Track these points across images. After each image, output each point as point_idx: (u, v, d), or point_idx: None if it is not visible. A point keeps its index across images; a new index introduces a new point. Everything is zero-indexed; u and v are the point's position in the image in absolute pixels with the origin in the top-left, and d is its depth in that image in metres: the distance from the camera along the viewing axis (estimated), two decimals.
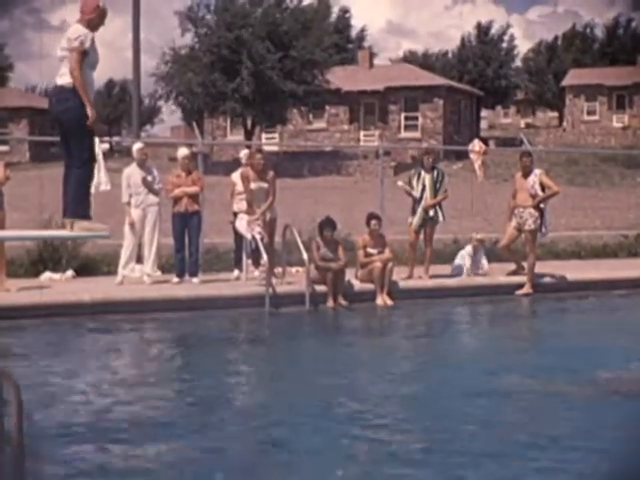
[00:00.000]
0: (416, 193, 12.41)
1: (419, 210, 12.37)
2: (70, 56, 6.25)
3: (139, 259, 11.91)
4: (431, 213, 12.40)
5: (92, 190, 10.48)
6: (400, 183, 12.78)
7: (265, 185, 11.53)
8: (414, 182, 12.49)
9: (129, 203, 11.77)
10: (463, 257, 12.97)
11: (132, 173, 11.81)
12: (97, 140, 9.30)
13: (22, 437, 4.03)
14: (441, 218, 12.53)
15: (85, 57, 6.26)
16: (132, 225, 11.69)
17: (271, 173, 11.66)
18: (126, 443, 5.74)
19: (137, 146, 12.05)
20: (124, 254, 11.71)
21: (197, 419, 6.39)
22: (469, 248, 13.04)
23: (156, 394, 7.13)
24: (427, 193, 12.34)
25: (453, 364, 8.47)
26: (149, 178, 11.77)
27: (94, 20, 6.42)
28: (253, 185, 11.49)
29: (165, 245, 12.43)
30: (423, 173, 12.47)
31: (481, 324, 11.41)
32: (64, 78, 6.30)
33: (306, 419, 6.32)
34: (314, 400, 6.89)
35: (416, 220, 12.42)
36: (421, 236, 12.57)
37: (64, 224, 6.56)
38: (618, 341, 9.35)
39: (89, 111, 6.16)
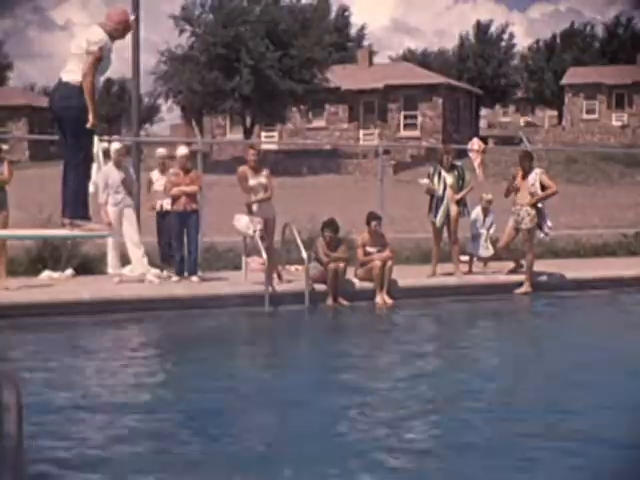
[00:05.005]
0: (439, 192, 12.45)
1: (442, 208, 12.39)
2: (86, 58, 6.18)
3: (129, 260, 11.92)
4: (461, 208, 12.46)
5: (91, 189, 10.42)
6: (424, 181, 12.70)
7: (263, 180, 11.56)
8: (435, 180, 12.50)
9: (106, 202, 11.75)
10: (477, 213, 13.08)
11: (110, 173, 11.81)
12: (96, 139, 9.30)
13: (22, 438, 4.03)
14: (467, 214, 12.67)
15: (99, 63, 6.22)
16: (109, 225, 11.63)
17: (266, 170, 11.71)
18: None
19: (114, 146, 12.05)
20: (110, 254, 11.71)
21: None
22: (478, 209, 13.12)
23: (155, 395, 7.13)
24: (448, 192, 12.35)
25: (453, 362, 8.49)
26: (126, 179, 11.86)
27: (117, 32, 6.38)
28: (252, 181, 11.50)
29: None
30: (443, 173, 12.49)
31: (479, 322, 11.39)
32: (70, 75, 6.23)
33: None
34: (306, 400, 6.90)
35: (439, 218, 12.42)
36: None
37: (63, 223, 6.55)
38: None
39: (90, 117, 6.11)
